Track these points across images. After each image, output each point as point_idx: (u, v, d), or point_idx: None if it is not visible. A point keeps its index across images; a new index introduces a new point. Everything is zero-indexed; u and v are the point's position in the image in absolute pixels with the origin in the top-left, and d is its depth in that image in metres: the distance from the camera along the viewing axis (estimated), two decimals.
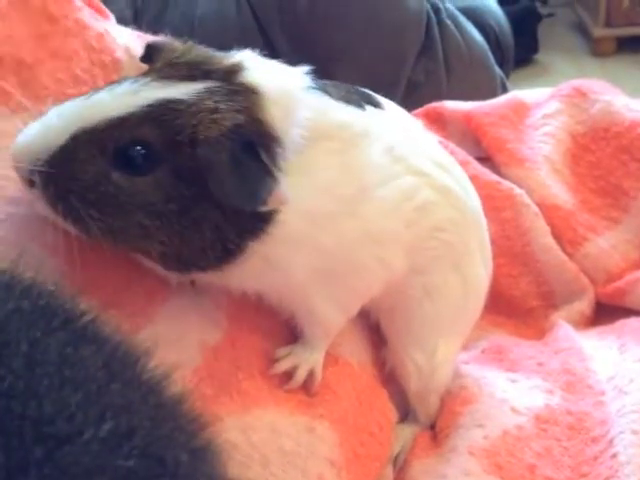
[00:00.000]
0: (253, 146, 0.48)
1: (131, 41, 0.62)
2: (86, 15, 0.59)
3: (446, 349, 0.67)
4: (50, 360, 0.34)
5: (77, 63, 0.57)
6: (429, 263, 0.62)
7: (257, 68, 0.52)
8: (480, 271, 0.68)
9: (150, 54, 0.54)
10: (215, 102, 0.49)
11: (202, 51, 0.53)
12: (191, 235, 0.49)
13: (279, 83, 0.52)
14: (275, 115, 0.50)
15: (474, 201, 0.67)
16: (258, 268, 0.52)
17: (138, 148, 0.48)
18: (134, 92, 0.48)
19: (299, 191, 0.51)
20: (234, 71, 0.51)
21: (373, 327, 0.67)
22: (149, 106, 0.48)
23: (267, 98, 0.50)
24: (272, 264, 0.52)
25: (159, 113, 0.48)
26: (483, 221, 0.68)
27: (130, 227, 0.48)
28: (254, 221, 0.50)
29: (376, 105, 0.60)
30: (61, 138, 0.47)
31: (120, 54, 0.60)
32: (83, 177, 0.48)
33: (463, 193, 0.64)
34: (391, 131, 0.59)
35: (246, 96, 0.50)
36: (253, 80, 0.50)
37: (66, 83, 0.55)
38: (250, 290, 0.55)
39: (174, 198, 0.48)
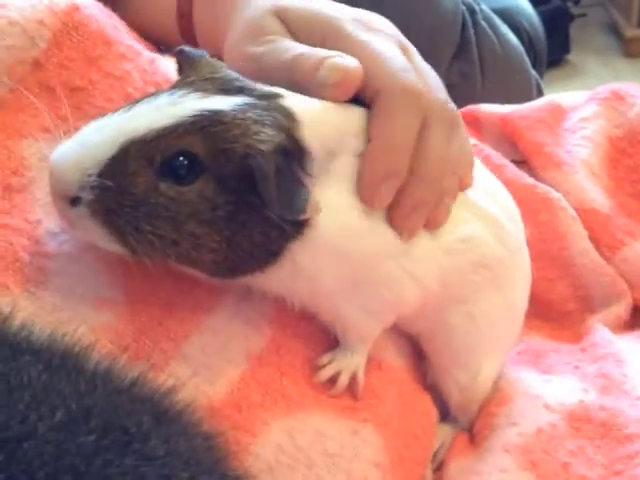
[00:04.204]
0: (291, 160, 0.50)
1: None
2: (136, 43, 0.60)
3: (490, 368, 0.68)
4: None
5: (130, 83, 0.58)
6: (472, 293, 0.63)
7: (290, 96, 0.53)
8: (522, 294, 0.70)
9: (180, 62, 0.54)
10: (258, 116, 0.50)
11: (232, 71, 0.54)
12: (239, 239, 0.50)
13: (313, 105, 0.54)
14: (309, 133, 0.52)
15: (521, 232, 0.67)
16: (289, 271, 0.53)
17: (182, 158, 0.48)
18: (176, 103, 0.49)
19: (332, 201, 0.52)
20: (268, 95, 0.52)
21: (414, 341, 0.68)
22: (194, 116, 0.48)
23: (302, 117, 0.52)
24: (300, 267, 0.53)
25: (205, 124, 0.48)
26: (527, 251, 0.69)
27: (182, 238, 0.49)
28: (293, 224, 0.51)
29: None
30: (110, 150, 0.48)
31: (172, 76, 0.61)
32: (134, 190, 0.48)
33: (510, 225, 0.64)
34: None
35: (282, 113, 0.51)
36: (286, 103, 0.52)
37: (118, 102, 0.56)
38: (287, 295, 0.57)
39: (219, 205, 0.49)
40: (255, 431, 0.54)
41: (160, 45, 0.69)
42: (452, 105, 0.60)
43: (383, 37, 0.59)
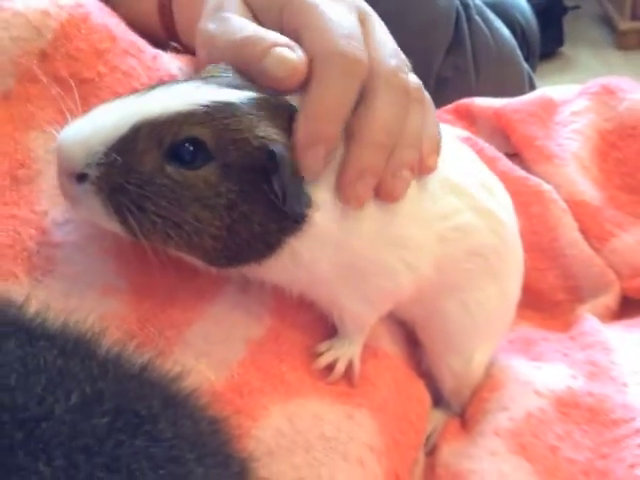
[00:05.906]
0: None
1: (184, 62, 0.65)
2: (139, 40, 0.61)
3: (482, 354, 0.70)
4: (12, 359, 0.38)
5: (136, 78, 0.59)
6: (467, 281, 0.65)
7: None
8: (516, 284, 0.72)
9: None
10: (268, 112, 0.51)
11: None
12: (239, 228, 0.51)
13: None
14: None
15: (514, 224, 0.69)
16: (286, 263, 0.55)
17: (191, 145, 0.50)
18: (191, 91, 0.51)
19: (327, 193, 0.54)
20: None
21: (409, 329, 0.70)
22: (208, 106, 0.50)
23: None
24: (298, 259, 0.55)
25: (218, 114, 0.50)
26: (519, 242, 0.71)
27: (184, 221, 0.50)
28: (292, 219, 0.53)
29: None
30: (121, 129, 0.49)
31: (176, 72, 0.62)
32: (141, 169, 0.49)
33: (506, 217, 0.66)
34: None
35: (287, 109, 0.53)
36: (292, 100, 0.53)
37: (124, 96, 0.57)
38: (285, 284, 0.58)
39: (222, 193, 0.50)
40: (256, 415, 0.55)
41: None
42: (413, 81, 0.58)
43: (337, 2, 0.56)
